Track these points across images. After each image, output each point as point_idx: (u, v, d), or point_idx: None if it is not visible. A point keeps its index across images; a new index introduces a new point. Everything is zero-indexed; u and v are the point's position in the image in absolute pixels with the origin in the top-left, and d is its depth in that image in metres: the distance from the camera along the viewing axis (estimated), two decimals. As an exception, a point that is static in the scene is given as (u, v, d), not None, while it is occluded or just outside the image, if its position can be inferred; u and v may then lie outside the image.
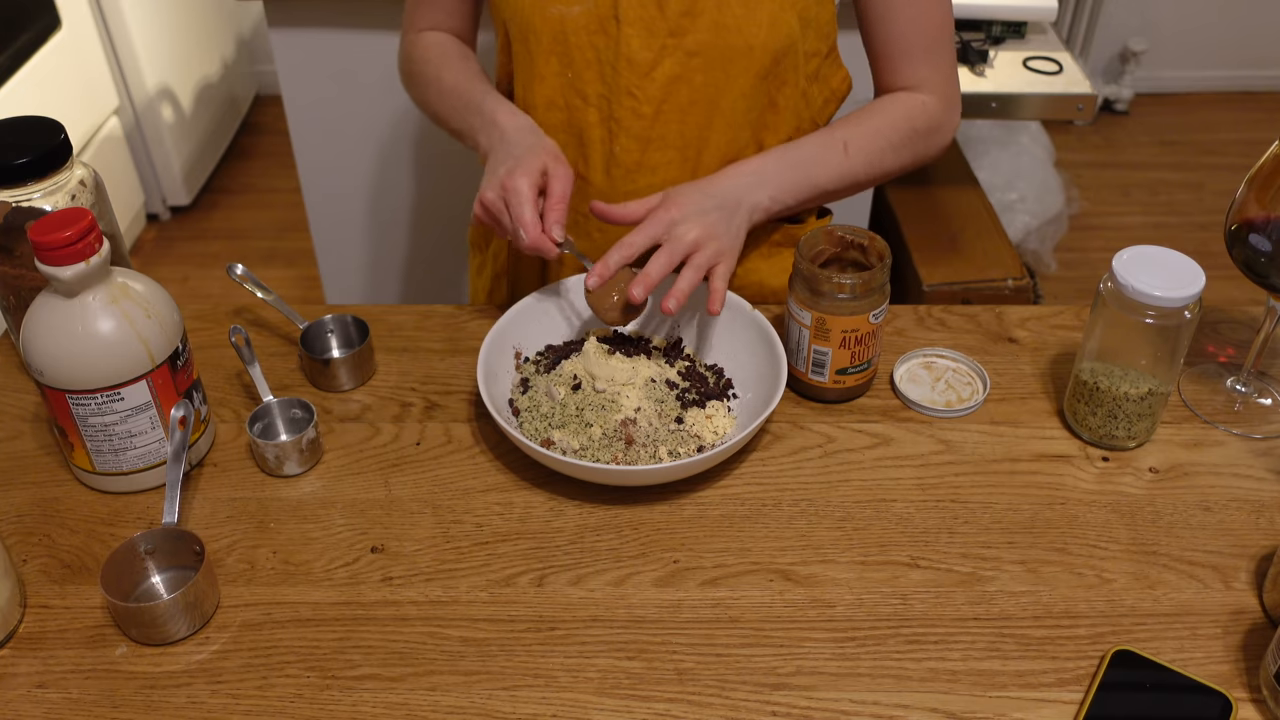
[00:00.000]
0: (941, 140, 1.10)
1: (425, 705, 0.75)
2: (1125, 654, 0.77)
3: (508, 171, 0.96)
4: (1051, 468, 0.93)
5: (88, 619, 0.82)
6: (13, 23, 2.26)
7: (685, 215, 0.96)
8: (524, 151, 0.98)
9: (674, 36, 0.99)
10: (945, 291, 1.81)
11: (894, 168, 1.08)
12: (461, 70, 1.10)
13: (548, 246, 0.95)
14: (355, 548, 0.87)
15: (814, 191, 1.04)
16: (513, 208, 0.95)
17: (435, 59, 1.12)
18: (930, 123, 1.08)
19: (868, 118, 1.06)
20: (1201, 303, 0.87)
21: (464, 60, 1.13)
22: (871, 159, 1.05)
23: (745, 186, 1.00)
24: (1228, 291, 1.75)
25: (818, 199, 1.06)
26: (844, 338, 0.95)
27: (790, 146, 1.05)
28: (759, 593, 0.83)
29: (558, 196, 0.96)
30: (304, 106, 1.83)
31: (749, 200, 1.00)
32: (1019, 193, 2.54)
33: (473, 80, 1.09)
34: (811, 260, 0.96)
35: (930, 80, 1.07)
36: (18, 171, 0.88)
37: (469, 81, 1.08)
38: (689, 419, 0.95)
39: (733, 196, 0.99)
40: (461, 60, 1.12)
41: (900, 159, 1.07)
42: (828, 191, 1.05)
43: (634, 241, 0.95)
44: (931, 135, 1.08)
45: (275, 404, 0.97)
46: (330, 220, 1.98)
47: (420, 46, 1.14)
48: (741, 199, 1.00)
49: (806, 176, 1.03)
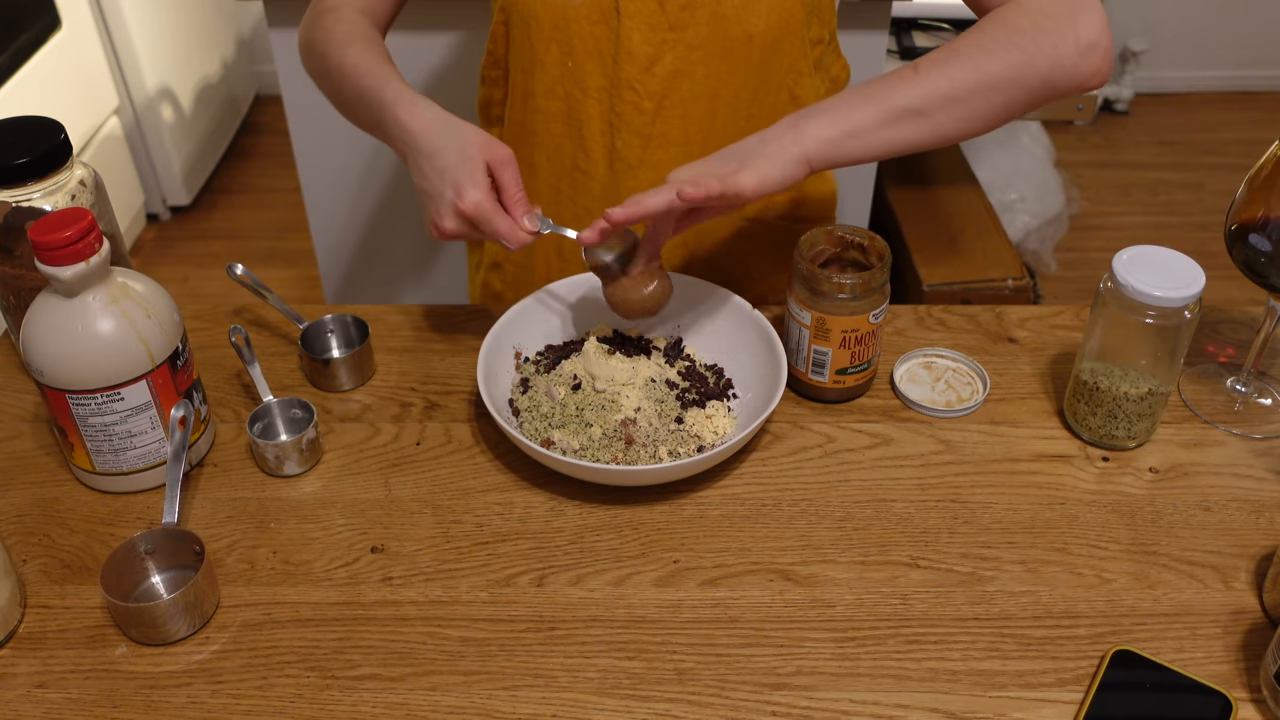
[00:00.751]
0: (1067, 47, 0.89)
1: (425, 705, 0.75)
2: (1125, 654, 0.77)
3: (456, 193, 0.90)
4: (1051, 468, 0.93)
5: (88, 619, 0.82)
6: (13, 23, 2.26)
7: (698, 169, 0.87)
8: (458, 160, 0.91)
9: (674, 31, 0.99)
10: (945, 291, 1.81)
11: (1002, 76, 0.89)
12: (365, 53, 1.00)
13: (530, 239, 0.92)
14: (355, 548, 0.87)
15: (883, 112, 0.88)
16: (483, 226, 0.90)
17: (340, 35, 1.02)
18: (1033, 20, 0.90)
19: (963, 36, 0.92)
20: (1201, 303, 0.87)
21: (370, 43, 1.02)
22: (959, 68, 0.89)
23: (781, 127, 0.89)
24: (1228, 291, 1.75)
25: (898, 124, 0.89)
26: (844, 337, 0.95)
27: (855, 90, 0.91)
28: (759, 593, 0.83)
29: (513, 187, 0.92)
30: (304, 106, 1.83)
31: (790, 127, 0.88)
32: (1019, 193, 2.54)
33: (375, 65, 0.99)
34: (811, 260, 0.96)
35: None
36: (18, 171, 0.88)
37: (371, 66, 0.98)
38: (689, 419, 0.95)
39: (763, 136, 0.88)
40: (367, 42, 1.02)
41: (1005, 62, 0.89)
42: (906, 110, 0.89)
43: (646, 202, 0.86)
44: (1040, 35, 0.89)
45: (275, 404, 0.97)
46: (330, 220, 1.98)
47: (330, 18, 1.04)
48: (778, 131, 0.88)
49: (869, 97, 0.89)
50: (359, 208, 1.96)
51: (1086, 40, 0.90)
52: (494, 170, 0.92)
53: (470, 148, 0.91)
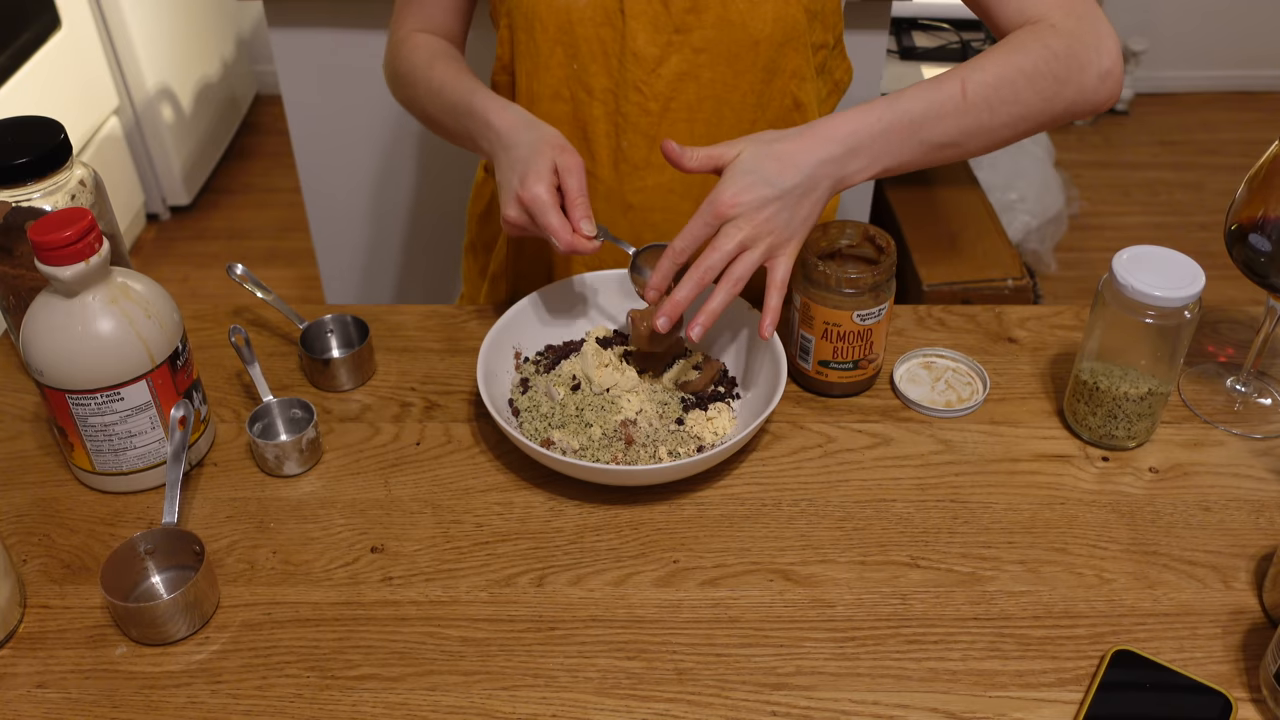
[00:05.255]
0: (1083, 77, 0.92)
1: (425, 705, 0.75)
2: (1125, 654, 0.77)
3: (520, 182, 0.92)
4: (1051, 468, 0.93)
5: (88, 619, 0.82)
6: (13, 23, 2.26)
7: (740, 210, 0.86)
8: (529, 154, 0.93)
9: (680, 33, 0.99)
10: (945, 291, 1.81)
11: (1027, 106, 0.91)
12: (448, 69, 1.06)
13: (584, 245, 0.91)
14: (355, 548, 0.87)
15: (923, 150, 0.91)
16: (538, 219, 0.91)
17: (422, 60, 1.08)
18: (1068, 46, 0.91)
19: (988, 53, 0.92)
20: (1201, 303, 0.87)
21: (451, 60, 1.08)
22: (997, 98, 0.90)
23: (831, 161, 0.88)
24: (1228, 291, 1.75)
25: (931, 157, 0.92)
26: (826, 329, 0.95)
27: (904, 97, 0.90)
28: (759, 593, 0.83)
29: (575, 191, 0.92)
30: (304, 106, 1.84)
31: (832, 178, 0.88)
32: (1019, 193, 2.54)
33: (460, 78, 1.04)
34: (825, 246, 0.97)
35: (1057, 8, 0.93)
36: (18, 171, 0.88)
37: (456, 80, 1.04)
38: (690, 420, 0.95)
39: (810, 177, 0.87)
40: (448, 59, 1.08)
41: (1038, 91, 0.91)
42: (944, 145, 0.91)
43: (682, 248, 0.88)
44: (1073, 62, 0.91)
45: (275, 404, 0.97)
46: (330, 220, 1.98)
47: (407, 47, 1.11)
48: (821, 179, 0.88)
49: (916, 135, 0.90)
50: (359, 208, 1.96)
51: (1107, 67, 0.93)
52: (560, 173, 0.93)
53: (543, 144, 0.93)
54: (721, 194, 0.86)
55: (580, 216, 0.92)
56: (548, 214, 0.91)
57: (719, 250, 0.87)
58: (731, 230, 0.86)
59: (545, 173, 0.92)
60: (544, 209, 0.91)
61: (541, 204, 0.91)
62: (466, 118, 1.01)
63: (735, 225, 0.86)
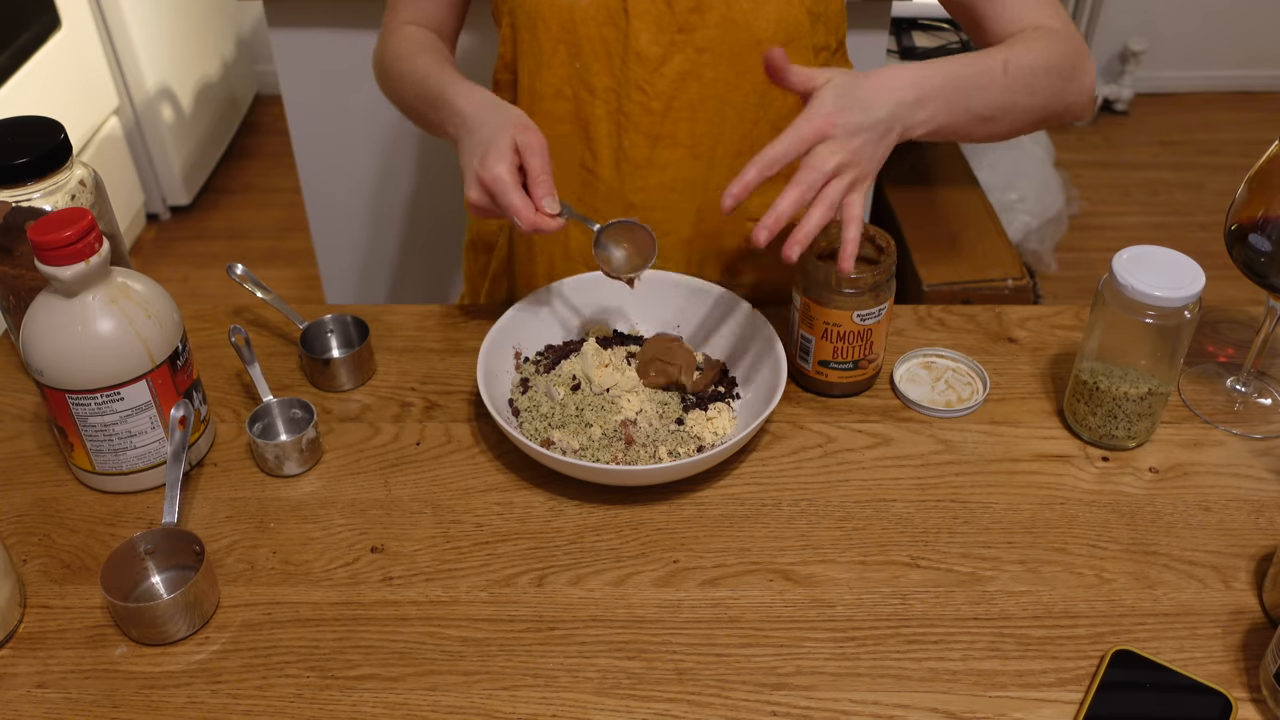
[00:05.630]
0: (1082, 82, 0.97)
1: (425, 705, 0.75)
2: (1125, 654, 0.77)
3: (480, 162, 0.91)
4: (1051, 468, 0.93)
5: (88, 619, 0.82)
6: (13, 23, 2.26)
7: (838, 130, 0.86)
8: (490, 134, 0.92)
9: (683, 32, 0.99)
10: (945, 291, 1.81)
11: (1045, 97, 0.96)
12: (431, 62, 1.05)
13: (546, 223, 0.91)
14: (355, 548, 0.87)
15: (968, 118, 0.93)
16: (499, 198, 0.91)
17: (407, 52, 1.07)
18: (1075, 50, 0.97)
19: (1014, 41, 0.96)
20: (1201, 303, 0.87)
21: (434, 52, 1.07)
22: (1029, 82, 0.94)
23: (905, 105, 0.89)
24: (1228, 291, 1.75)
25: (970, 130, 0.95)
26: (826, 329, 0.95)
27: (953, 61, 0.93)
28: (759, 593, 0.83)
29: (538, 169, 0.91)
30: (304, 106, 1.83)
31: (904, 123, 0.90)
32: (1019, 193, 2.54)
33: (442, 70, 1.03)
34: (825, 245, 0.97)
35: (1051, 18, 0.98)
36: (18, 171, 0.88)
37: (437, 72, 1.03)
38: (690, 420, 0.95)
39: (891, 115, 0.88)
40: (432, 52, 1.07)
41: (1051, 85, 0.96)
42: (982, 118, 0.94)
43: (774, 156, 0.85)
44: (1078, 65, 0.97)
45: (275, 404, 0.97)
46: (330, 220, 1.98)
47: (395, 39, 1.10)
48: (896, 122, 0.89)
49: (965, 100, 0.93)
50: (359, 208, 1.96)
51: (1093, 77, 0.99)
52: (521, 152, 0.92)
53: (505, 124, 0.93)
54: (821, 110, 0.86)
55: (542, 194, 0.91)
56: (509, 194, 0.90)
57: (817, 170, 0.85)
58: (826, 152, 0.85)
59: (506, 152, 0.91)
60: (505, 189, 0.90)
61: (503, 184, 0.90)
62: (436, 103, 1.00)
63: (829, 147, 0.85)
